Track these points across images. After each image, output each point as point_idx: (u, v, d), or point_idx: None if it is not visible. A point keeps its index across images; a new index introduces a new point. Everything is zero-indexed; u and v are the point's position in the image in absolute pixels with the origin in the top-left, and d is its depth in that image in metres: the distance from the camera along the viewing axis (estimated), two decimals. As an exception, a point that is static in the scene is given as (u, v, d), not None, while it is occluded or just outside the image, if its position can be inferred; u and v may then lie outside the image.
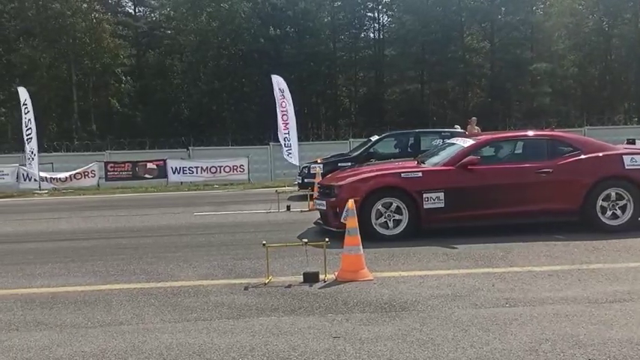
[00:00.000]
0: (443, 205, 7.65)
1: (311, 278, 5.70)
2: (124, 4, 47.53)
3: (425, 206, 7.64)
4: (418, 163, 8.57)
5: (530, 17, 42.96)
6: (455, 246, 7.09)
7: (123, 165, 20.70)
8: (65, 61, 40.10)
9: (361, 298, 5.11)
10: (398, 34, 44.40)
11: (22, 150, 20.71)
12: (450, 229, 7.78)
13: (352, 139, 26.26)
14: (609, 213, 7.67)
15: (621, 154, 7.88)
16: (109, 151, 25.41)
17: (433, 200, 7.65)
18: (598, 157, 7.88)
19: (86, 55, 40.51)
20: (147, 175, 20.54)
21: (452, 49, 42.90)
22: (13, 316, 5.02)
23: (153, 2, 47.17)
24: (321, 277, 5.72)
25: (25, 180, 19.80)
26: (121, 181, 20.33)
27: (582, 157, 7.86)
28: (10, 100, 38.05)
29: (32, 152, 19.13)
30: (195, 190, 18.60)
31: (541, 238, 7.33)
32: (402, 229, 7.67)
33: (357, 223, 5.86)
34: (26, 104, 19.18)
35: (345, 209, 7.59)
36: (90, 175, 20.25)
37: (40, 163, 19.61)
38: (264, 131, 28.51)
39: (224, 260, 6.95)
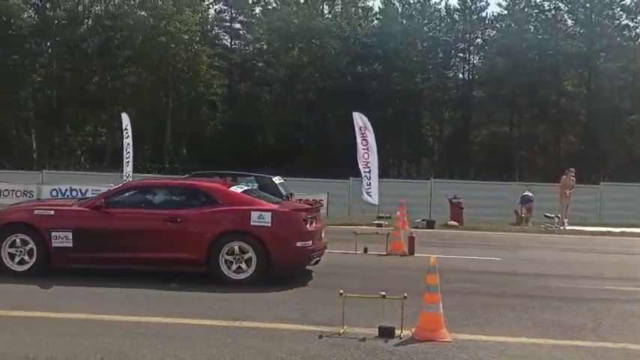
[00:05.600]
0: (71, 245, 7.76)
1: (386, 333, 5.58)
2: (221, 37, 49.89)
3: (54, 244, 7.75)
4: (75, 202, 8.76)
5: (632, 65, 41.04)
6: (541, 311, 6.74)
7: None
8: (163, 88, 42.50)
9: (438, 361, 4.94)
10: (488, 76, 43.80)
11: (118, 170, 21.96)
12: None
13: (434, 179, 25.91)
14: (234, 266, 7.64)
15: (250, 210, 7.80)
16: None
17: (61, 239, 7.74)
18: (225, 210, 7.87)
19: (183, 83, 42.76)
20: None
21: (545, 92, 41.67)
22: (99, 345, 5.23)
23: (248, 36, 49.23)
24: (397, 332, 5.59)
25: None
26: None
27: (211, 209, 7.87)
28: (111, 122, 40.72)
29: (128, 176, 20.19)
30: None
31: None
32: (29, 265, 7.83)
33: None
34: (127, 129, 20.32)
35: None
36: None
37: (132, 185, 20.61)
38: (346, 165, 28.69)
39: (299, 303, 6.97)
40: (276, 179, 15.37)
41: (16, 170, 27.26)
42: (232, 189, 8.59)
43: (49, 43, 43.36)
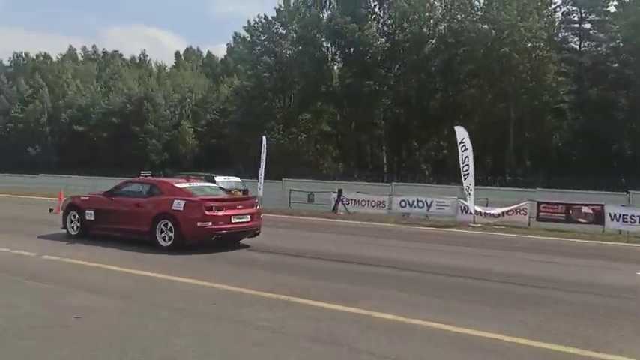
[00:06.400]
0: (94, 219, 12.23)
1: None
2: (569, 40, 46.42)
3: (87, 218, 12.32)
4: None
5: None
6: None
7: (556, 206, 19.85)
8: (504, 99, 41.64)
9: None
10: None
11: (458, 182, 22.11)
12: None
13: None
14: (162, 235, 11.20)
15: (172, 199, 11.34)
16: (539, 189, 24.82)
17: (90, 215, 12.27)
18: (161, 199, 11.57)
19: (526, 92, 41.14)
20: (580, 220, 19.12)
21: None
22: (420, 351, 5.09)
23: (600, 36, 44.58)
24: None
25: (462, 212, 20.87)
26: (552, 222, 19.49)
27: (158, 198, 11.63)
28: (451, 136, 41.76)
29: (469, 187, 20.08)
30: (634, 242, 16.26)
31: None
32: (77, 231, 12.48)
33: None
34: (463, 142, 20.25)
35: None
36: (522, 212, 20.04)
37: (475, 197, 20.42)
38: None
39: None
40: (220, 178, 20.05)
41: (371, 183, 30.19)
42: (177, 184, 12.08)
43: (397, 67, 47.09)
